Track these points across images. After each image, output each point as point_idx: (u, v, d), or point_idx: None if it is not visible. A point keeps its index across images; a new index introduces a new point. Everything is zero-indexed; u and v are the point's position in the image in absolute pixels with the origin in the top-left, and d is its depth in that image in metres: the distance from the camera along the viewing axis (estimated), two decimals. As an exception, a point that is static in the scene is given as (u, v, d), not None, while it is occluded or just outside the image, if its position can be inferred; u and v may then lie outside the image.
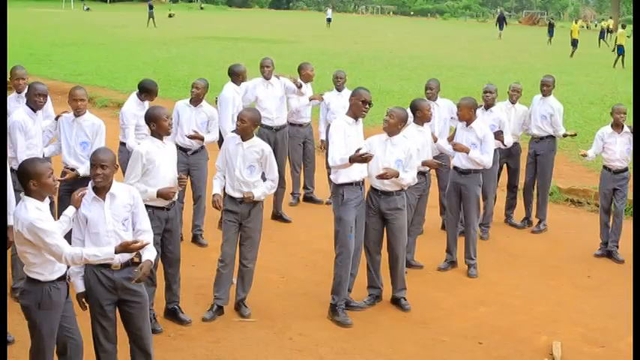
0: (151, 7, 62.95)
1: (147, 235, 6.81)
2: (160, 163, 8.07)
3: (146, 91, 10.64)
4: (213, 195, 8.68)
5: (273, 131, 12.19)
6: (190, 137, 10.56)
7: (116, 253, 6.17)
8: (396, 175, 8.78)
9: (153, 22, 61.02)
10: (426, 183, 10.27)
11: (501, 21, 63.72)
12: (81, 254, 6.07)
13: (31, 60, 29.48)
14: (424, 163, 9.63)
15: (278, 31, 58.14)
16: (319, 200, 13.45)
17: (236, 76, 11.86)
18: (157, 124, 8.09)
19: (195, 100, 10.81)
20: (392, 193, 8.99)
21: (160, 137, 8.15)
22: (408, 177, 8.96)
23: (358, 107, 8.67)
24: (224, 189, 8.77)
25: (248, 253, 8.82)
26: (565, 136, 12.38)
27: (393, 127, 8.92)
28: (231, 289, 8.97)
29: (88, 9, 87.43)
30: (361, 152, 8.34)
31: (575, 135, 12.88)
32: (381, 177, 8.78)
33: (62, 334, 6.50)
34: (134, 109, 10.60)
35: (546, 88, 12.20)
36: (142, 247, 6.23)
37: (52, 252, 6.06)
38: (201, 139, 10.61)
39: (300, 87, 12.30)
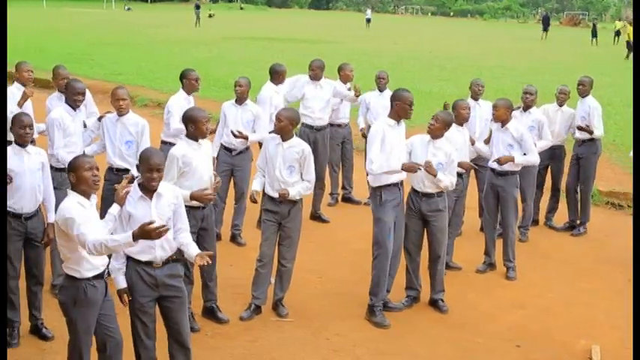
0: (197, 7, 63.59)
1: (186, 233, 6.90)
2: (196, 164, 8.09)
3: (182, 78, 10.78)
4: (252, 191, 8.75)
5: (313, 131, 12.19)
6: (235, 136, 10.56)
7: (135, 239, 6.00)
8: (434, 174, 8.79)
9: (198, 22, 61.55)
10: (463, 184, 10.23)
11: (546, 22, 63.22)
12: (101, 241, 6.04)
13: (71, 59, 29.74)
14: (459, 165, 9.61)
15: (317, 32, 58.20)
16: (358, 201, 13.44)
17: (277, 75, 11.90)
18: (195, 126, 8.04)
19: (240, 99, 10.83)
20: (433, 194, 8.99)
21: (196, 139, 8.15)
22: (447, 180, 8.94)
23: (404, 110, 8.64)
24: (264, 188, 8.82)
25: (287, 252, 8.85)
26: (580, 129, 12.13)
27: (437, 130, 8.93)
28: (269, 289, 9.00)
29: (129, 9, 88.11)
30: (414, 163, 8.51)
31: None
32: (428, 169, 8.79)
33: (102, 332, 6.56)
34: (181, 102, 10.72)
35: (582, 88, 12.09)
36: (161, 230, 6.01)
37: (79, 240, 6.10)
38: (246, 138, 10.61)
39: (357, 95, 12.42)
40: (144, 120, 9.52)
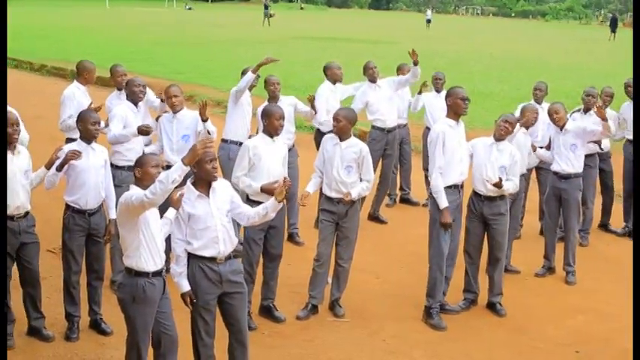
0: (266, 7, 64.19)
1: (250, 211, 7.00)
2: (265, 159, 8.21)
3: (244, 73, 10.84)
4: (304, 191, 8.80)
5: (385, 133, 12.18)
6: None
7: (186, 164, 6.02)
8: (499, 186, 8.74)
9: (268, 21, 62.11)
10: (520, 186, 10.11)
11: (614, 23, 62.34)
12: (155, 186, 6.01)
13: (132, 58, 30.07)
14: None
15: (377, 32, 58.07)
16: (416, 202, 13.39)
17: (331, 74, 11.89)
18: (268, 121, 8.25)
19: (274, 97, 10.80)
20: (495, 198, 8.93)
21: (271, 135, 8.28)
22: (511, 185, 8.87)
23: (458, 105, 8.61)
24: (320, 188, 8.85)
25: (344, 252, 8.85)
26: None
27: (509, 133, 8.89)
28: (326, 289, 9.01)
29: (190, 8, 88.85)
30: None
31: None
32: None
33: (158, 328, 6.63)
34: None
35: (630, 89, 11.93)
36: (206, 141, 6.11)
37: (138, 202, 6.12)
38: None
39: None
40: (197, 113, 9.59)
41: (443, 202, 8.50)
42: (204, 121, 9.40)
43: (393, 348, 8.29)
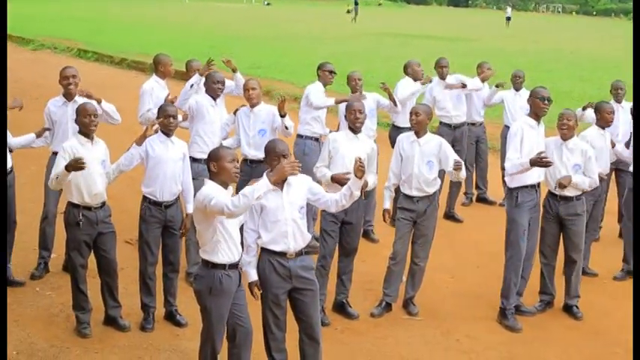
0: (356, 3, 64.45)
1: (330, 195, 6.95)
2: (343, 153, 8.25)
3: (318, 69, 10.97)
4: (384, 210, 8.81)
5: (452, 129, 12.20)
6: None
7: (272, 182, 6.24)
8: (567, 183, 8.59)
9: (355, 17, 62.35)
10: (601, 188, 9.93)
11: None
12: (238, 198, 6.13)
13: (211, 53, 30.13)
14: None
15: (456, 29, 57.75)
16: (492, 201, 13.25)
17: (411, 71, 11.88)
18: (347, 114, 8.42)
19: (356, 91, 10.83)
20: (571, 198, 8.78)
21: (354, 131, 8.37)
22: (585, 182, 8.70)
23: (537, 105, 8.52)
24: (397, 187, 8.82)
25: (420, 251, 8.80)
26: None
27: (573, 130, 8.73)
28: (400, 287, 8.96)
29: (268, 4, 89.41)
30: (542, 156, 8.12)
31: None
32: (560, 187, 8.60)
33: (233, 320, 6.67)
34: (320, 91, 10.91)
35: None
36: (294, 164, 6.29)
37: (217, 209, 6.19)
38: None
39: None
40: (274, 108, 9.65)
41: (525, 164, 8.28)
42: (283, 116, 9.43)
43: (467, 348, 8.22)
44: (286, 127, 9.41)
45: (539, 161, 8.09)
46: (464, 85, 12.05)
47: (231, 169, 6.43)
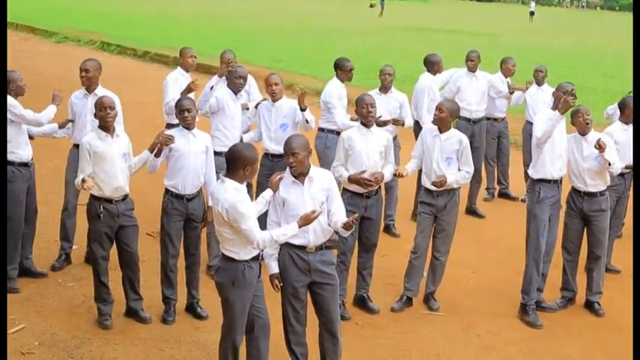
0: None
1: (339, 216, 6.90)
2: (360, 149, 8.21)
3: (338, 67, 10.85)
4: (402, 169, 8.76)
5: (470, 123, 12.15)
6: (393, 122, 10.53)
7: (299, 227, 6.40)
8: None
9: (382, 12, 62.38)
10: (624, 185, 9.87)
11: None
12: (270, 237, 6.32)
13: (234, 46, 30.07)
14: None
15: (478, 24, 57.52)
16: (514, 196, 13.19)
17: (431, 65, 11.81)
18: (357, 109, 8.31)
19: (386, 87, 10.84)
20: (595, 194, 8.74)
21: (366, 125, 8.30)
22: (617, 162, 8.67)
23: (559, 98, 8.47)
24: (419, 179, 8.81)
25: (441, 246, 8.78)
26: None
27: (590, 123, 8.68)
28: (421, 282, 8.95)
29: (372, 6, 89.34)
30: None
31: None
32: None
33: (251, 312, 6.68)
34: (338, 88, 10.80)
35: None
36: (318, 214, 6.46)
37: (246, 236, 6.28)
38: (402, 124, 10.59)
39: (511, 93, 12.46)
40: (296, 102, 9.60)
41: (553, 115, 8.35)
42: (303, 110, 9.43)
43: (487, 344, 8.20)
44: (307, 121, 9.40)
45: (566, 101, 8.24)
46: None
47: (257, 169, 6.58)
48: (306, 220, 6.38)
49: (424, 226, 8.71)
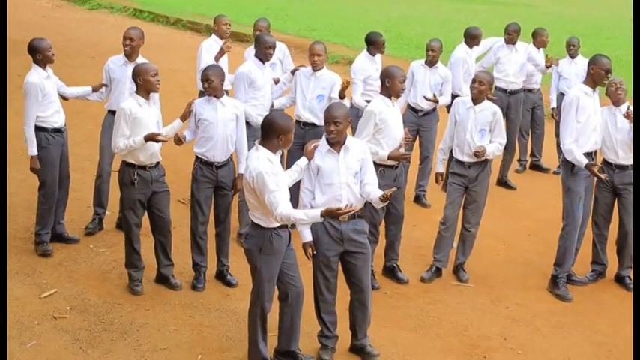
0: None
1: (372, 187, 6.91)
2: (391, 122, 8.15)
3: (370, 42, 10.77)
4: (436, 174, 9.02)
5: (506, 94, 12.05)
6: (428, 99, 10.53)
7: (322, 216, 6.27)
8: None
9: None
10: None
11: None
12: (289, 217, 6.26)
13: (267, 14, 30.13)
14: None
15: (513, -6, 56.88)
16: (546, 168, 13.10)
17: (472, 38, 11.75)
18: (392, 82, 8.14)
19: (431, 62, 10.79)
20: (626, 167, 8.66)
21: (390, 96, 8.20)
22: None
23: (600, 76, 8.42)
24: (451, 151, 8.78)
25: (472, 217, 8.77)
26: None
27: (624, 92, 8.60)
28: (451, 253, 8.94)
29: None
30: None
31: None
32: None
33: (285, 280, 6.72)
34: (365, 63, 10.70)
35: None
36: (349, 212, 6.30)
37: (269, 205, 6.27)
38: (436, 101, 10.58)
39: (548, 66, 12.32)
40: (337, 75, 9.56)
41: (583, 161, 8.32)
42: (342, 98, 9.38)
43: (516, 315, 8.19)
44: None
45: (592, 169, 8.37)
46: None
47: (292, 140, 6.55)
48: (330, 213, 6.23)
49: (454, 198, 8.69)
